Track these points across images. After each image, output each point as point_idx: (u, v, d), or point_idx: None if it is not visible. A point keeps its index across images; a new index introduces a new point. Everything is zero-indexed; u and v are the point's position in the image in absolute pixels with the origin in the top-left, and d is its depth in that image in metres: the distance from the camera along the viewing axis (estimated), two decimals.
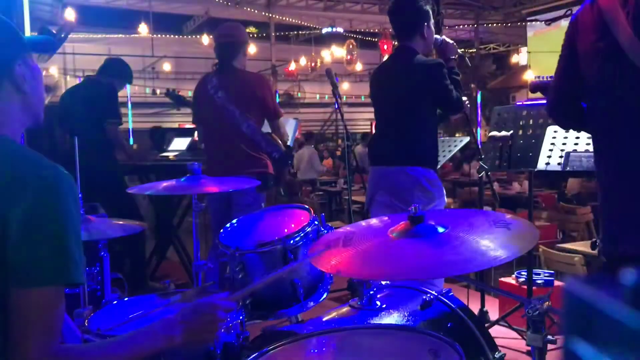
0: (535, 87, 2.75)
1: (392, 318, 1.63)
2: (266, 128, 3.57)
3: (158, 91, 19.75)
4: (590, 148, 2.90)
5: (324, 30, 17.54)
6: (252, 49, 17.24)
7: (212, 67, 3.62)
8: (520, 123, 3.25)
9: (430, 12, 2.98)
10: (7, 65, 1.22)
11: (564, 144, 3.01)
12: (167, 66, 20.03)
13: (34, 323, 1.09)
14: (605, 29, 1.71)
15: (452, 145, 3.87)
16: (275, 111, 3.50)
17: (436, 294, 1.72)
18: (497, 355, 1.61)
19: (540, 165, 3.04)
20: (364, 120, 21.93)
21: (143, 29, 14.70)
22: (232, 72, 3.49)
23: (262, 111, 3.47)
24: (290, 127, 3.93)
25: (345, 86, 20.84)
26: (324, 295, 2.02)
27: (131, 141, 13.41)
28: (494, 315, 3.61)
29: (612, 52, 1.70)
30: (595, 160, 1.86)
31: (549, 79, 2.71)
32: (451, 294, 1.78)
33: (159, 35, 17.32)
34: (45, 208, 1.11)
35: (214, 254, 3.12)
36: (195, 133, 4.87)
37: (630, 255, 1.67)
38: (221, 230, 2.18)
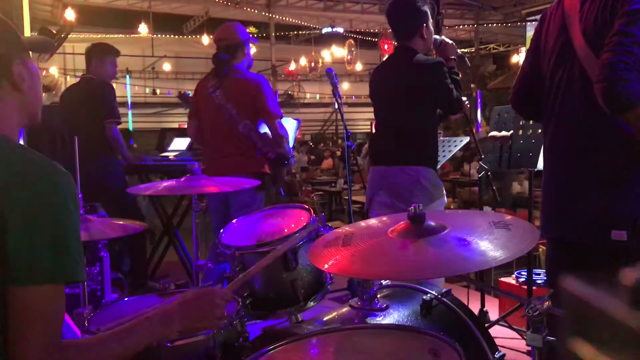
0: None
1: (392, 318, 1.63)
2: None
3: (158, 91, 19.76)
4: None
5: (324, 30, 17.55)
6: (252, 48, 17.21)
7: (212, 67, 3.63)
8: (520, 123, 3.25)
9: (429, 13, 2.97)
10: (5, 63, 1.22)
11: None
12: (167, 66, 20.03)
13: (34, 321, 1.09)
14: (564, 28, 1.81)
15: (452, 145, 3.86)
16: (274, 112, 3.49)
17: (436, 294, 1.72)
18: (497, 355, 1.61)
19: (540, 165, 3.04)
20: (364, 120, 21.93)
21: (143, 29, 14.71)
22: (231, 72, 3.49)
23: (260, 112, 3.47)
24: (290, 127, 3.93)
25: (345, 86, 20.85)
26: (324, 295, 2.02)
27: (131, 141, 13.39)
28: (494, 315, 3.61)
29: (565, 51, 1.81)
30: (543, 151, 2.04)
31: None
32: (451, 294, 1.78)
33: (159, 35, 17.33)
34: (44, 206, 1.12)
35: (214, 254, 3.12)
36: None
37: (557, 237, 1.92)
38: (221, 230, 2.18)
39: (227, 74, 3.49)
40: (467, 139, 3.87)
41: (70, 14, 10.26)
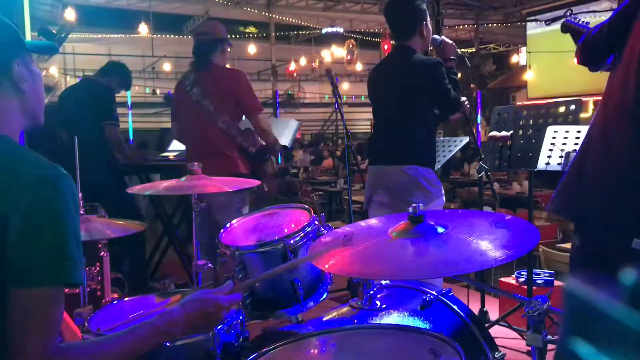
0: (566, 27, 2.62)
1: (392, 318, 1.63)
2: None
3: (158, 91, 19.75)
4: None
5: (324, 30, 17.52)
6: (252, 49, 17.29)
7: (189, 65, 3.64)
8: (520, 123, 3.25)
9: (427, 11, 2.97)
10: (5, 63, 1.22)
11: (564, 144, 3.01)
12: (167, 66, 20.01)
13: (33, 323, 1.09)
14: None
15: (452, 145, 3.86)
16: (253, 106, 3.46)
17: (436, 294, 1.72)
18: (497, 355, 1.61)
19: (540, 165, 3.04)
20: (364, 120, 21.92)
21: (143, 29, 14.68)
22: (208, 68, 3.50)
23: (238, 106, 3.45)
24: (290, 128, 3.92)
25: (345, 86, 20.84)
26: (324, 295, 2.02)
27: (130, 141, 13.36)
28: (494, 315, 3.61)
29: None
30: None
31: (584, 24, 2.58)
32: (451, 294, 1.78)
33: (159, 35, 17.31)
34: (45, 208, 1.11)
35: (205, 253, 3.11)
36: None
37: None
38: (221, 230, 2.18)
39: (205, 68, 3.49)
40: (467, 139, 3.87)
41: (70, 14, 10.25)
